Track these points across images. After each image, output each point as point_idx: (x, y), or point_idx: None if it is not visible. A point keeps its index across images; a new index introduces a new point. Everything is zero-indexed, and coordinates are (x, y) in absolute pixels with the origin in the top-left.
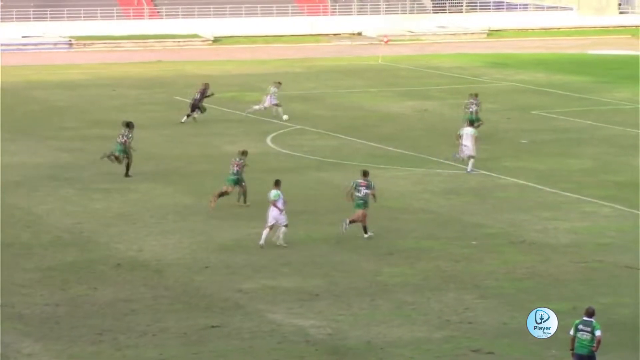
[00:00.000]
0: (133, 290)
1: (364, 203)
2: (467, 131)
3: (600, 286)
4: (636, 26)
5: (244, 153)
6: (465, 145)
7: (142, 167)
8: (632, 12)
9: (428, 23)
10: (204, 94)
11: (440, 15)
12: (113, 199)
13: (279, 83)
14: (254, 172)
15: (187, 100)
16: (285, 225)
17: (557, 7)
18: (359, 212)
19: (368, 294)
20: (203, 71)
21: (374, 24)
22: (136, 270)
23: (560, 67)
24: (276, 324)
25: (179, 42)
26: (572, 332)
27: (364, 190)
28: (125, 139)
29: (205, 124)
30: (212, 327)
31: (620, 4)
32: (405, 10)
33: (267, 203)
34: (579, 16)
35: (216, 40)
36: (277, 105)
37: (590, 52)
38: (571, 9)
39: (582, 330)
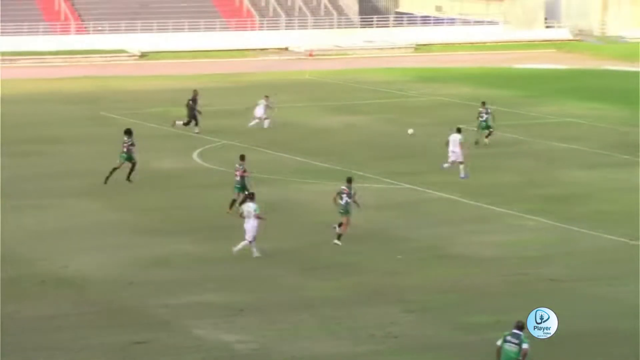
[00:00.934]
0: (58, 307)
1: (346, 211)
2: (454, 137)
3: (524, 299)
4: (562, 40)
5: (242, 158)
6: (453, 152)
7: (69, 183)
8: (558, 27)
9: (355, 38)
10: (194, 101)
11: (367, 30)
12: (39, 215)
13: (267, 97)
14: (181, 188)
15: (114, 116)
16: (250, 242)
17: (483, 22)
18: (342, 219)
19: (293, 309)
20: (130, 87)
21: (301, 39)
22: (61, 286)
23: (487, 81)
24: (201, 339)
25: (105, 57)
26: (499, 343)
27: (345, 198)
28: (127, 146)
29: None
30: (137, 343)
31: (546, 18)
32: (333, 25)
33: (195, 219)
34: (505, 30)
35: (143, 55)
36: (265, 118)
37: (517, 66)
38: (497, 23)
39: (509, 342)
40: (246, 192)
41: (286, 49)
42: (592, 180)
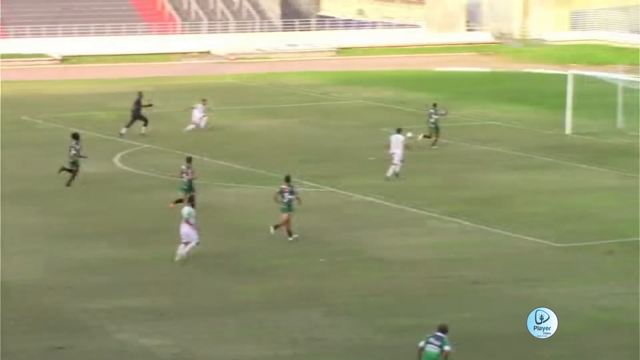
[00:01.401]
0: None
1: (288, 207)
2: (395, 138)
3: (446, 302)
4: (483, 43)
5: (189, 160)
6: (393, 153)
7: None
8: (480, 29)
9: (278, 41)
10: (139, 103)
11: (289, 34)
12: None
13: (205, 100)
14: (102, 192)
15: (36, 120)
16: (197, 243)
17: (405, 25)
18: (284, 216)
19: (215, 313)
20: (51, 91)
21: (223, 43)
22: None
23: (408, 84)
24: (123, 344)
25: (27, 61)
26: (421, 344)
27: (287, 196)
28: (74, 150)
29: (51, 145)
30: (58, 348)
31: (467, 22)
32: (255, 29)
33: (116, 223)
34: (427, 33)
35: (64, 59)
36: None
37: (439, 69)
38: (419, 26)
39: (431, 344)
40: (192, 194)
41: (208, 52)
42: (513, 182)
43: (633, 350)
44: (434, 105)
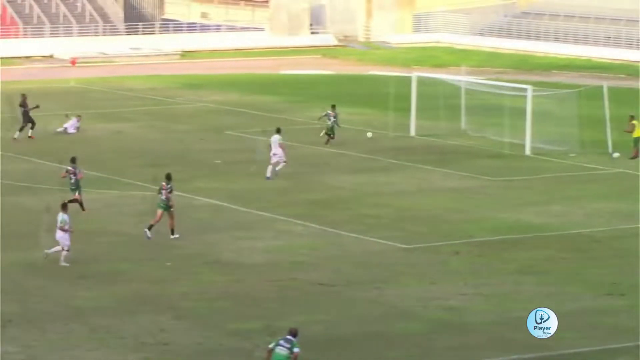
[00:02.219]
0: None
1: (166, 206)
2: (274, 139)
3: (294, 304)
4: (327, 46)
5: (73, 160)
6: (274, 154)
7: None
8: (323, 32)
9: (121, 45)
10: (24, 106)
11: (133, 37)
12: None
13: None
14: None
15: None
16: (67, 250)
17: (249, 28)
18: (158, 212)
19: (62, 319)
20: None
21: (66, 47)
22: None
23: (253, 88)
24: None
25: None
26: (271, 346)
27: (165, 194)
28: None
29: None
30: None
31: (311, 24)
32: (98, 32)
33: None
34: (271, 37)
35: None
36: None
37: (283, 72)
38: (263, 29)
39: (281, 346)
40: (77, 194)
41: (51, 56)
42: (358, 184)
43: (480, 349)
44: (333, 107)
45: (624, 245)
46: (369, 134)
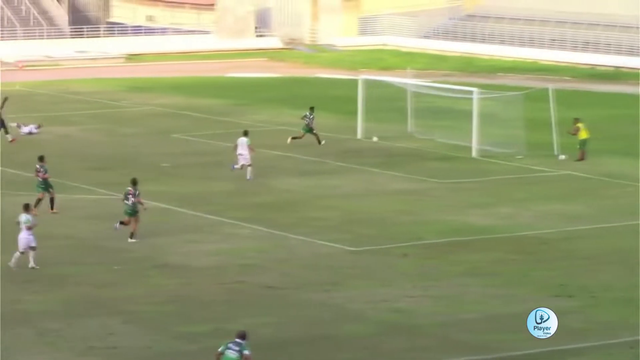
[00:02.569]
0: None
1: (133, 211)
2: (242, 141)
3: (242, 307)
4: (273, 49)
5: (41, 159)
6: (240, 154)
7: None
8: (269, 35)
9: (67, 48)
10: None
11: (79, 40)
12: None
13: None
14: None
15: None
16: (33, 248)
17: (195, 31)
18: (125, 219)
19: (9, 323)
20: None
21: (11, 50)
22: None
23: (199, 91)
24: None
25: None
26: (220, 349)
27: (131, 199)
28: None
29: None
30: None
31: (257, 28)
32: (43, 36)
33: None
34: (217, 40)
35: None
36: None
37: (230, 75)
38: (209, 32)
39: (231, 349)
40: (50, 191)
41: None
42: (306, 187)
43: (429, 351)
44: (311, 109)
45: (571, 246)
46: (375, 138)
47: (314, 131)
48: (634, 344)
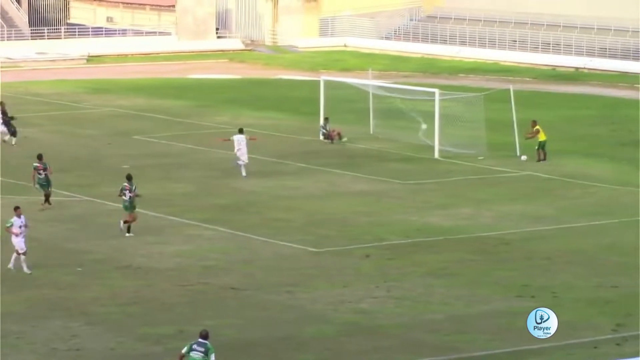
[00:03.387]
0: None
1: (131, 206)
2: (238, 138)
3: (205, 308)
4: (234, 50)
5: (39, 157)
6: (239, 150)
7: None
8: (230, 37)
9: (27, 50)
10: (5, 113)
11: (39, 42)
12: None
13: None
14: None
15: None
16: (23, 253)
17: (156, 32)
18: (126, 213)
19: None
20: None
21: None
22: None
23: (160, 92)
24: None
25: None
26: (184, 351)
27: (128, 194)
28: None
29: None
30: None
31: (218, 29)
32: (3, 37)
33: None
34: (178, 41)
35: None
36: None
37: (191, 76)
38: (170, 33)
39: (195, 350)
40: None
41: None
42: (268, 188)
43: (392, 352)
44: (326, 119)
45: (533, 247)
46: (424, 126)
47: (333, 141)
48: (598, 344)
